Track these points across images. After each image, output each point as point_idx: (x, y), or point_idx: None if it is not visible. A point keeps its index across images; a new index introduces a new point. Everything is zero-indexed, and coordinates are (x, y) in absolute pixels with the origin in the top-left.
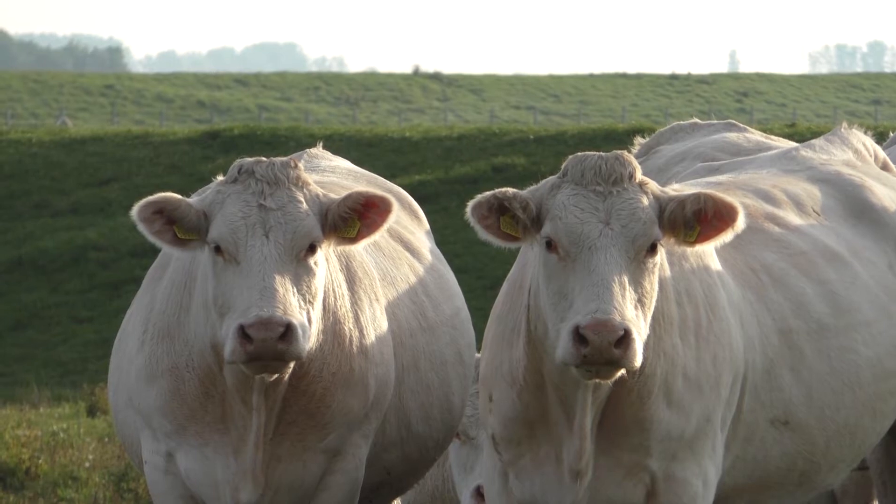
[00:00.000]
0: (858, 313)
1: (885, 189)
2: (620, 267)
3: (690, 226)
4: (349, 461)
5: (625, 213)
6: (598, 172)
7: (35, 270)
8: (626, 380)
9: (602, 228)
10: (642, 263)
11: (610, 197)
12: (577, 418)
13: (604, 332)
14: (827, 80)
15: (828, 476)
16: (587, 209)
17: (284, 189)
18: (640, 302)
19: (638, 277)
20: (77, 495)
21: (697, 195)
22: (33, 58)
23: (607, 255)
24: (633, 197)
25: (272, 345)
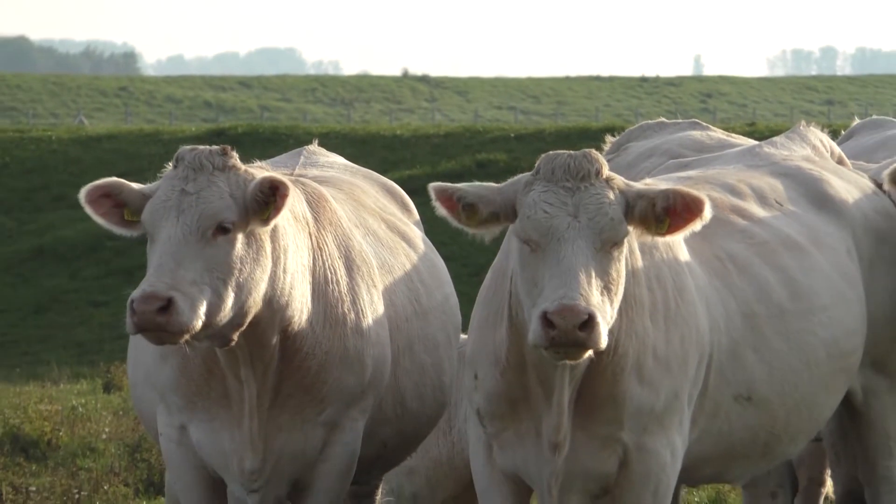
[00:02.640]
0: (816, 298)
1: (842, 182)
2: (587, 257)
3: (660, 219)
4: (347, 434)
5: (592, 207)
6: (567, 170)
7: (55, 258)
8: (601, 359)
9: (570, 221)
10: (608, 253)
11: (578, 192)
12: (556, 395)
13: (569, 316)
14: (784, 83)
15: (788, 447)
16: (556, 204)
17: (206, 175)
18: (606, 289)
19: (605, 266)
20: (94, 464)
21: (666, 192)
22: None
23: (574, 246)
24: (600, 192)
25: (151, 317)
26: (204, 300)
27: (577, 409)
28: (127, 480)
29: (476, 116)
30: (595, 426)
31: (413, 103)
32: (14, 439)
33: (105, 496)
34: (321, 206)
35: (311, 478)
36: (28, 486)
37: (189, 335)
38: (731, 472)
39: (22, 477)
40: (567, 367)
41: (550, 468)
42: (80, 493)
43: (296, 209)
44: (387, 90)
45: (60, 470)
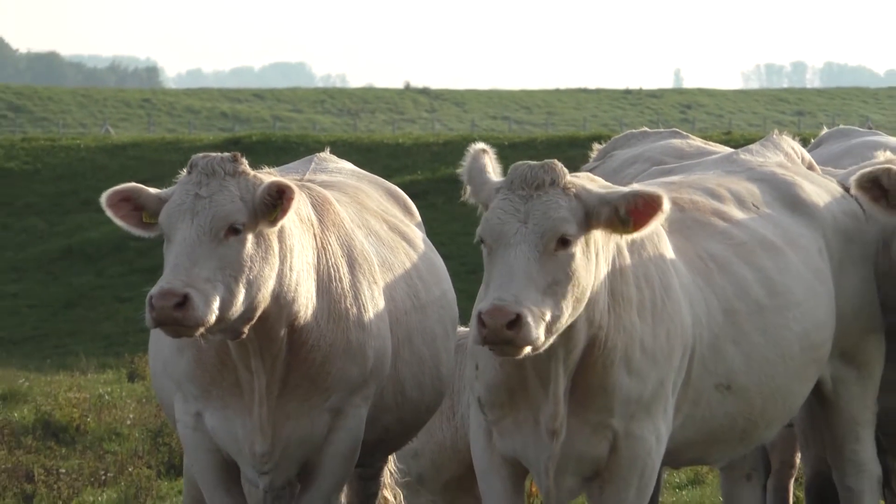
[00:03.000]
0: (790, 295)
1: (813, 186)
2: (529, 260)
3: (625, 220)
4: (351, 420)
5: (539, 213)
6: (524, 179)
7: (83, 258)
8: (592, 352)
9: (518, 227)
10: (554, 255)
11: (531, 200)
12: (552, 386)
13: (497, 316)
14: (757, 95)
15: (764, 432)
16: (510, 210)
17: (218, 180)
18: (551, 289)
19: (550, 268)
20: (120, 448)
21: (626, 195)
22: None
23: (517, 251)
24: (551, 199)
25: (168, 312)
26: (217, 296)
27: (571, 398)
28: (150, 463)
29: (472, 126)
30: (587, 414)
31: (414, 114)
32: (45, 425)
33: (129, 477)
34: (325, 208)
35: (318, 461)
36: (58, 468)
37: (203, 329)
38: (711, 456)
39: (53, 460)
40: (560, 359)
41: (548, 453)
42: (107, 475)
43: (301, 211)
44: (390, 102)
45: (88, 453)
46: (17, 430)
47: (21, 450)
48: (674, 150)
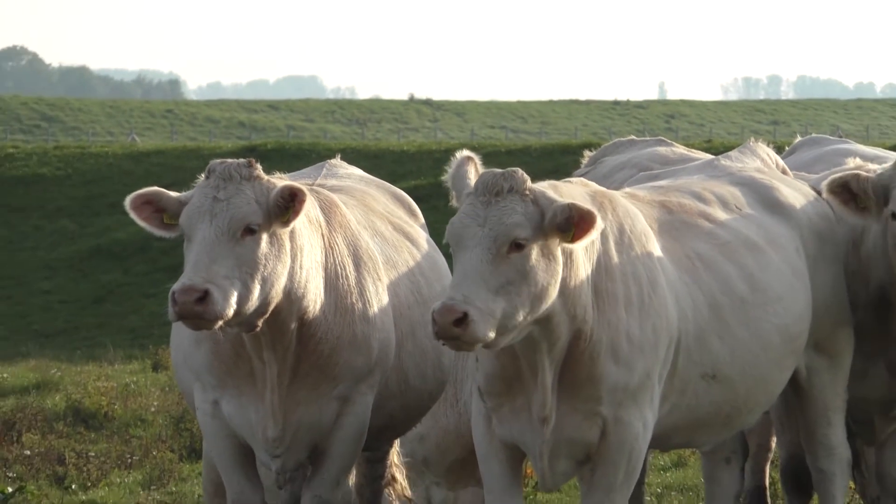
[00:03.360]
0: (771, 291)
1: (790, 189)
2: (481, 262)
3: (565, 229)
4: (358, 407)
5: (494, 218)
6: (486, 186)
7: (111, 256)
8: (578, 345)
9: (476, 231)
10: (507, 258)
11: (490, 205)
12: (539, 376)
13: (445, 314)
14: (736, 106)
15: (746, 418)
16: (471, 215)
17: (235, 184)
18: (504, 289)
19: (503, 269)
20: (144, 433)
21: (562, 206)
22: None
23: (472, 254)
24: (507, 205)
25: (190, 306)
26: (235, 292)
27: (561, 387)
28: (172, 447)
29: (472, 135)
30: (577, 402)
31: (418, 123)
32: (76, 412)
33: (153, 460)
34: (332, 210)
35: (327, 445)
36: (88, 451)
37: (222, 322)
38: (697, 440)
39: (82, 444)
40: (545, 351)
41: (541, 438)
42: (133, 458)
43: (310, 214)
44: (395, 112)
45: (115, 438)
46: (49, 417)
47: (53, 435)
48: (659, 156)
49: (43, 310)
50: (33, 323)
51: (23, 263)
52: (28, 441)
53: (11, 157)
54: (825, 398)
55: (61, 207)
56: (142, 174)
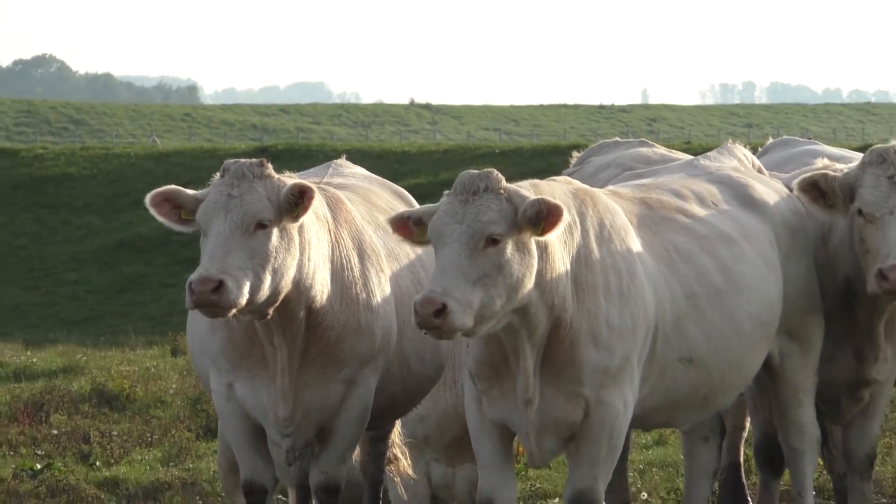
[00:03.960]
0: (744, 281)
1: (764, 187)
2: (460, 256)
3: (535, 223)
4: (362, 389)
5: (471, 216)
6: (464, 185)
7: (133, 250)
8: (558, 332)
9: (455, 227)
10: (483, 252)
11: (467, 204)
12: (522, 362)
13: (426, 306)
14: (713, 110)
15: (722, 399)
16: (450, 213)
17: (248, 182)
18: (481, 281)
19: (481, 263)
20: (164, 414)
21: (532, 201)
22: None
23: (451, 248)
24: (484, 203)
25: (206, 296)
26: (247, 282)
27: (545, 371)
28: (190, 427)
29: (468, 136)
30: (560, 384)
31: (418, 126)
32: (100, 394)
33: (172, 439)
34: (338, 207)
35: (333, 424)
36: (111, 431)
37: (235, 310)
38: (677, 420)
39: (106, 424)
40: (525, 339)
41: (527, 419)
42: (153, 437)
43: (318, 210)
44: (397, 115)
45: (137, 418)
46: (75, 399)
47: (79, 415)
48: (642, 157)
49: (70, 299)
50: (61, 311)
51: (52, 256)
52: (55, 421)
53: (41, 157)
54: (796, 381)
55: (87, 204)
56: (162, 173)
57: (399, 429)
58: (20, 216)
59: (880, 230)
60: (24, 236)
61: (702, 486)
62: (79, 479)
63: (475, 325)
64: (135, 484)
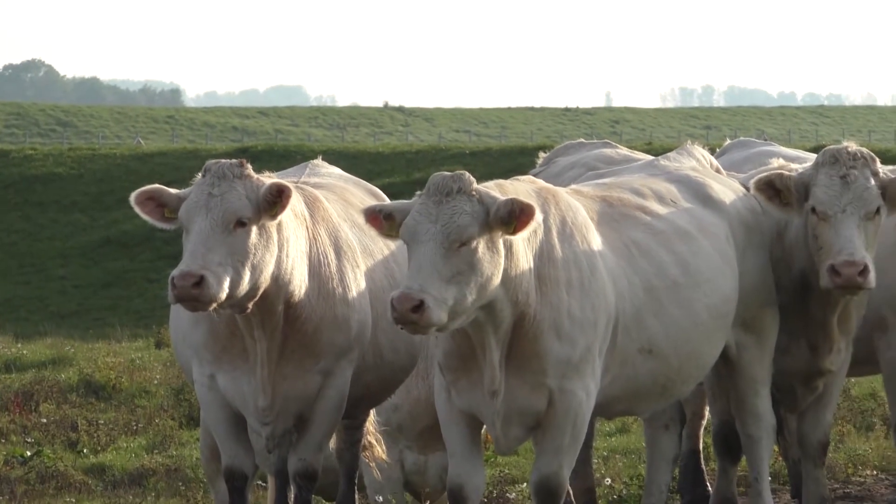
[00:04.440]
0: (701, 274)
1: (721, 186)
2: (435, 255)
3: (508, 221)
4: (338, 379)
5: (446, 216)
6: (437, 187)
7: (119, 246)
8: (522, 324)
9: (429, 227)
10: (458, 252)
11: (441, 204)
12: (488, 355)
13: (404, 301)
14: (673, 113)
15: (681, 388)
16: (424, 213)
17: (228, 182)
18: (455, 279)
19: (454, 262)
20: (148, 403)
21: (505, 201)
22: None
23: (426, 248)
24: (457, 204)
25: (187, 290)
26: (227, 277)
27: (510, 362)
28: (173, 415)
29: (440, 138)
30: (525, 374)
31: (391, 128)
32: (87, 384)
33: (156, 427)
34: (316, 205)
35: (311, 413)
36: (98, 419)
37: (216, 304)
38: (637, 408)
39: (93, 413)
40: (491, 333)
41: (493, 408)
42: (138, 425)
43: (296, 208)
44: (371, 118)
45: (122, 408)
46: (63, 389)
47: (67, 405)
48: (605, 157)
49: (58, 293)
50: (50, 305)
51: (41, 252)
52: (45, 410)
53: (31, 158)
54: (753, 371)
55: (75, 202)
56: (146, 173)
57: (374, 417)
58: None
59: (833, 227)
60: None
61: (663, 472)
62: (67, 465)
63: (448, 320)
64: (120, 470)
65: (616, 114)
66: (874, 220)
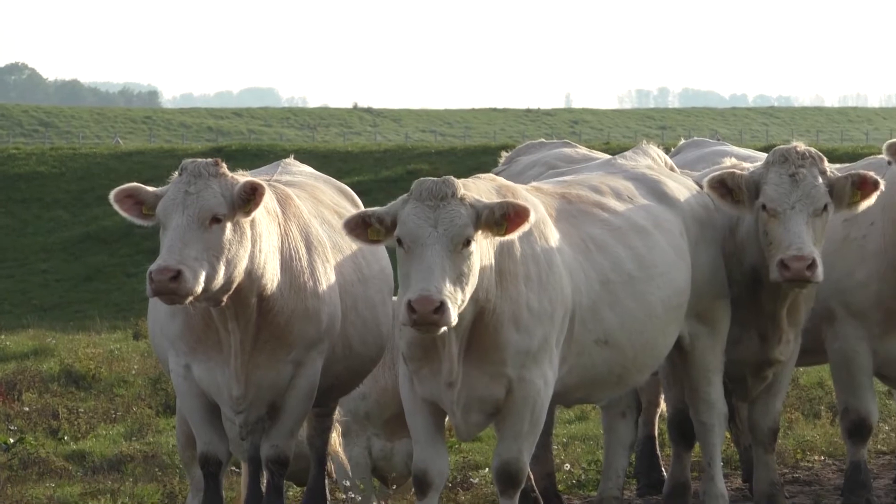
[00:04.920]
0: (655, 268)
1: (675, 183)
2: (442, 257)
3: (500, 223)
4: (309, 369)
5: (447, 220)
6: (431, 192)
7: (99, 241)
8: (482, 317)
9: (431, 231)
10: (460, 253)
11: (437, 209)
12: (447, 347)
13: (426, 304)
14: (630, 114)
15: (636, 377)
16: (422, 217)
17: (204, 180)
18: (458, 280)
19: (457, 263)
20: (126, 392)
21: (502, 203)
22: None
23: (433, 250)
24: (454, 209)
25: (165, 284)
26: (203, 272)
27: (471, 353)
28: (150, 404)
29: (406, 138)
30: (485, 365)
31: (360, 128)
32: (68, 374)
33: (134, 416)
34: (287, 203)
35: (283, 401)
36: (78, 408)
37: (192, 297)
38: (595, 396)
39: (74, 401)
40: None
41: (452, 398)
42: (116, 414)
43: (268, 205)
44: (341, 118)
45: (102, 396)
46: (45, 379)
47: (48, 394)
48: (565, 156)
49: (41, 287)
50: (32, 298)
51: (24, 247)
52: (27, 399)
53: (14, 157)
54: (706, 360)
55: (57, 200)
56: (125, 172)
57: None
58: None
59: (782, 223)
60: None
61: (620, 458)
62: (48, 452)
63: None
64: (100, 456)
65: (575, 115)
66: (822, 217)
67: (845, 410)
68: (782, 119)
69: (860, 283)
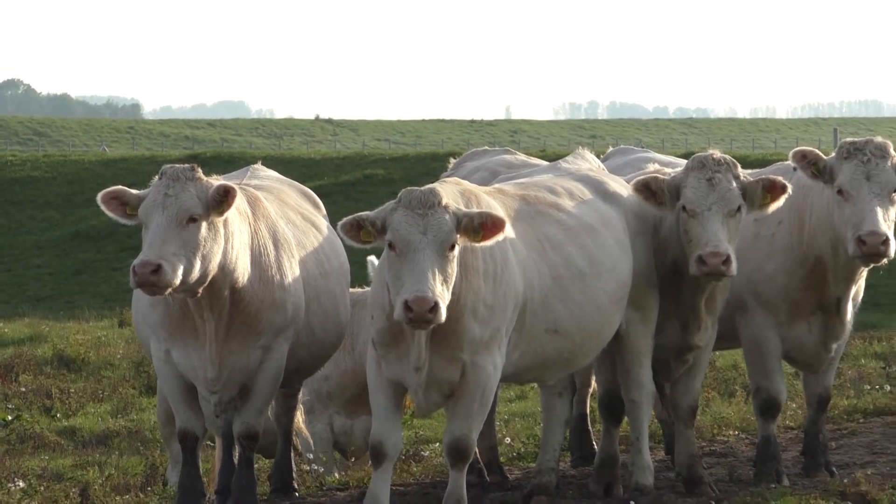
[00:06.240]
0: (603, 265)
1: (616, 183)
2: (433, 261)
3: (477, 231)
4: (276, 353)
5: (435, 227)
6: (419, 201)
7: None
8: (448, 308)
9: (421, 237)
10: (446, 256)
11: (425, 217)
12: (416, 335)
13: (423, 304)
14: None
15: (582, 361)
16: (412, 224)
17: (181, 183)
18: (445, 280)
19: (444, 265)
20: (113, 375)
21: (480, 213)
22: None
23: (424, 254)
24: (441, 216)
25: (146, 276)
26: (181, 266)
27: (434, 340)
28: (134, 385)
29: (363, 145)
30: (444, 350)
31: (322, 137)
32: (60, 358)
33: (120, 395)
34: (257, 204)
35: (253, 383)
36: (69, 388)
37: (171, 289)
38: (544, 377)
39: (65, 383)
40: None
41: (417, 380)
42: (103, 394)
43: (240, 206)
44: (304, 128)
45: (90, 378)
46: (39, 362)
47: (42, 376)
48: (506, 162)
49: (35, 280)
50: (27, 290)
51: (19, 244)
52: (23, 380)
53: (10, 163)
54: (638, 344)
55: (49, 202)
56: (110, 176)
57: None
58: None
59: (700, 223)
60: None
61: (556, 433)
62: (43, 428)
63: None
64: (89, 432)
65: (515, 125)
66: (735, 217)
67: (757, 390)
68: (700, 129)
69: (769, 276)
